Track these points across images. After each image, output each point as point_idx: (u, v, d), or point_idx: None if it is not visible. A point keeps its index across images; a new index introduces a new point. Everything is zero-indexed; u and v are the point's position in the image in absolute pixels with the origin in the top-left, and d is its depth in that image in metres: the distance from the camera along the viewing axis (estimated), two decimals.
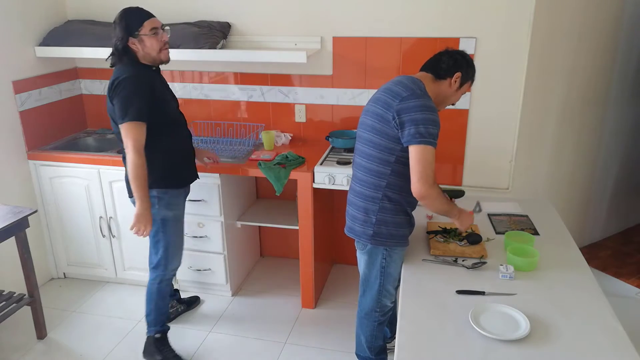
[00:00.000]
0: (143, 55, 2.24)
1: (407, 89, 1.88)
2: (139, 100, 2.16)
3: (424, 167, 1.80)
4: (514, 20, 2.72)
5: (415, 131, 1.80)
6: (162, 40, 2.26)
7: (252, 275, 3.41)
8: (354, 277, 3.30)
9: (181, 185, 2.47)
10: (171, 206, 2.40)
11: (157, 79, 2.33)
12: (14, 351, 2.70)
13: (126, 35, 2.19)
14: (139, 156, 2.17)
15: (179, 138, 2.44)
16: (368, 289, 2.16)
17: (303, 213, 2.82)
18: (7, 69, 2.93)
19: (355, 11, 2.90)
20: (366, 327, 2.26)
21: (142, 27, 2.20)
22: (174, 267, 2.54)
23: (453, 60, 1.96)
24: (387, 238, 1.99)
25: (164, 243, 2.44)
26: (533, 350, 1.50)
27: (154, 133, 2.23)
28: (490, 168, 2.99)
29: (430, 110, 1.84)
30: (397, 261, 2.06)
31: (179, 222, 2.50)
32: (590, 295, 1.77)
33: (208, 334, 2.82)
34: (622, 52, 3.30)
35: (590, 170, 3.46)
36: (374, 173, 1.95)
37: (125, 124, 2.16)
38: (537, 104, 2.93)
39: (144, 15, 2.23)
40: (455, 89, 1.97)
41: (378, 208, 1.97)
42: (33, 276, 2.70)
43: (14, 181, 3.02)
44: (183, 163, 2.47)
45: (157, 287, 2.50)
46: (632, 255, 3.57)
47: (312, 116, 3.18)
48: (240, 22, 3.08)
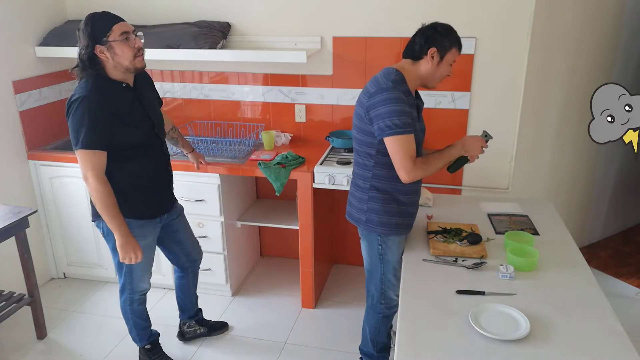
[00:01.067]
0: (114, 66, 1.97)
1: (376, 84, 1.95)
2: (93, 125, 1.90)
3: (400, 156, 1.90)
4: (514, 20, 2.72)
5: (383, 125, 1.89)
6: (136, 46, 1.98)
7: (252, 275, 3.41)
8: (354, 277, 3.31)
9: (147, 216, 2.19)
10: (136, 237, 2.10)
11: (126, 97, 2.03)
12: (14, 351, 2.70)
13: (92, 43, 1.92)
14: (103, 184, 1.96)
15: (148, 163, 2.15)
16: (371, 277, 2.22)
17: (303, 213, 2.82)
18: (7, 69, 2.93)
19: (355, 11, 2.90)
20: (371, 319, 2.30)
21: (111, 32, 1.92)
22: (141, 290, 2.36)
23: (424, 37, 1.96)
24: (378, 225, 2.08)
25: (127, 269, 2.25)
26: (533, 350, 1.50)
27: (117, 158, 2.02)
28: (490, 168, 2.99)
29: (393, 102, 1.88)
30: (393, 249, 2.11)
31: (145, 251, 2.18)
32: (590, 295, 1.77)
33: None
34: (622, 52, 3.30)
35: (590, 170, 3.46)
36: (362, 166, 2.08)
37: (79, 152, 1.94)
38: (537, 104, 2.93)
39: (113, 19, 1.96)
40: (436, 64, 1.96)
41: (368, 197, 2.08)
42: (33, 276, 2.70)
43: (14, 181, 3.02)
44: (152, 191, 2.19)
45: (130, 308, 2.39)
46: (632, 255, 3.57)
47: (312, 116, 3.18)
48: (240, 22, 3.08)
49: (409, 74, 1.98)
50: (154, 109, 2.20)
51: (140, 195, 2.15)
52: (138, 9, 3.15)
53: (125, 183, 2.08)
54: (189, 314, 2.72)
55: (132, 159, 2.08)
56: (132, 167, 2.09)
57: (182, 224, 2.45)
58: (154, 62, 3.20)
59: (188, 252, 2.52)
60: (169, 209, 2.32)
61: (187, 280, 2.60)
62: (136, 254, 2.08)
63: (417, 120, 2.00)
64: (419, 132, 2.04)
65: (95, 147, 1.94)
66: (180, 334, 2.75)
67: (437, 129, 2.94)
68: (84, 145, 1.92)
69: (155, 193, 2.21)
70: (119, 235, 2.03)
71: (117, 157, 2.03)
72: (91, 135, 1.92)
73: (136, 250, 2.08)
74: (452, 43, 1.96)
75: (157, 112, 2.23)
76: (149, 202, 2.19)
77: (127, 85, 2.05)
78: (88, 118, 1.91)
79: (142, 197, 2.15)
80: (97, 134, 1.93)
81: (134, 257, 2.08)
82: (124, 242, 2.04)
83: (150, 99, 2.20)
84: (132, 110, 2.05)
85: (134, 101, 2.07)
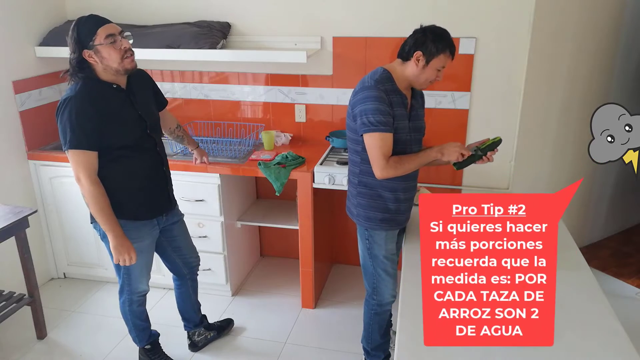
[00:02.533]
0: (103, 69, 1.97)
1: (362, 82, 2.02)
2: (79, 125, 1.91)
3: (373, 153, 1.97)
4: (514, 20, 2.72)
5: (361, 122, 1.96)
6: (122, 47, 1.96)
7: (252, 275, 3.41)
8: (354, 277, 3.31)
9: (142, 218, 2.17)
10: (130, 238, 2.10)
11: (116, 98, 2.03)
12: (14, 351, 2.70)
13: (79, 48, 1.92)
14: (96, 185, 1.97)
15: (142, 164, 2.13)
16: (365, 272, 2.28)
17: (303, 213, 2.82)
18: (7, 69, 2.93)
19: (355, 11, 2.90)
20: (366, 314, 2.36)
21: (96, 36, 1.91)
22: (140, 291, 2.35)
23: (413, 39, 1.97)
24: (364, 220, 2.15)
25: (124, 270, 2.25)
26: (533, 350, 1.49)
27: (109, 159, 2.02)
28: (490, 168, 2.99)
29: (372, 100, 1.93)
30: (380, 243, 2.16)
31: (143, 253, 2.21)
32: (590, 295, 1.77)
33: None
34: (622, 52, 3.30)
35: (590, 170, 3.46)
36: (352, 162, 2.16)
37: (69, 153, 1.94)
38: (537, 104, 2.93)
39: (97, 22, 1.94)
40: (421, 68, 1.97)
41: (357, 192, 2.16)
42: (33, 276, 2.70)
43: (14, 181, 3.02)
44: (145, 192, 2.17)
45: (129, 309, 2.38)
46: (632, 255, 3.57)
47: (312, 116, 3.18)
48: (240, 22, 3.08)
49: (397, 74, 2.01)
50: (149, 110, 2.18)
51: (134, 196, 2.14)
52: (138, 9, 3.15)
53: (119, 184, 2.07)
54: (194, 323, 2.69)
55: (125, 159, 2.07)
56: (125, 168, 2.08)
57: (182, 230, 2.44)
58: (154, 62, 3.21)
59: (186, 259, 2.50)
60: (167, 211, 2.30)
61: (186, 288, 2.58)
62: (130, 255, 2.07)
63: (404, 119, 2.01)
64: (409, 130, 2.05)
65: (84, 147, 1.94)
66: (191, 344, 2.70)
67: (437, 129, 2.94)
68: (72, 145, 1.93)
69: (149, 194, 2.19)
70: (113, 236, 2.03)
71: (109, 158, 2.02)
72: (78, 135, 1.92)
73: (130, 251, 2.07)
74: (440, 49, 1.94)
75: (152, 113, 2.21)
76: (143, 203, 2.17)
77: (117, 86, 2.04)
78: (74, 118, 1.91)
79: (136, 198, 2.14)
80: (85, 134, 1.93)
81: (128, 258, 2.07)
82: (117, 243, 2.04)
83: (145, 100, 2.18)
84: (123, 111, 2.04)
85: (125, 102, 2.06)
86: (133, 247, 2.09)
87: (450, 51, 1.97)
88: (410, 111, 2.07)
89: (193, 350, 2.70)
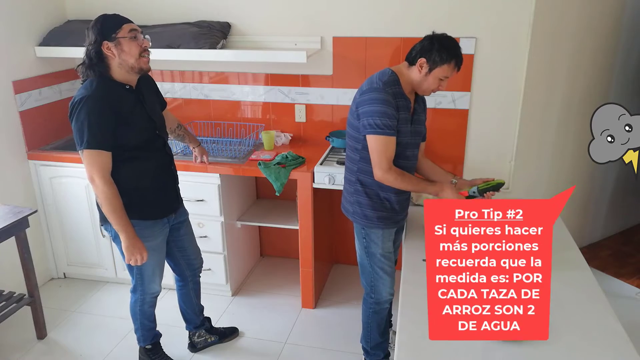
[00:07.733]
0: (119, 64, 1.99)
1: (369, 82, 2.02)
2: (97, 124, 1.92)
3: (377, 155, 1.97)
4: (514, 20, 2.72)
5: (367, 122, 1.96)
6: (142, 45, 2.03)
7: (252, 275, 3.41)
8: (354, 277, 3.31)
9: (154, 217, 2.20)
10: (143, 238, 2.12)
11: (128, 99, 2.05)
12: (14, 351, 2.70)
13: (101, 39, 1.95)
14: (110, 185, 1.98)
15: (152, 164, 2.16)
16: (363, 270, 2.28)
17: (303, 213, 2.82)
18: (7, 69, 2.93)
19: (355, 11, 2.90)
20: (364, 312, 2.36)
21: (121, 30, 1.97)
22: (153, 292, 2.37)
23: (420, 46, 1.98)
24: (361, 218, 2.16)
25: (137, 270, 2.26)
26: (533, 350, 1.50)
27: (121, 159, 2.03)
28: (490, 168, 2.99)
29: (380, 102, 1.93)
30: (376, 242, 2.16)
31: (155, 252, 2.24)
32: (590, 295, 1.77)
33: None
34: (622, 52, 3.30)
35: (590, 170, 3.46)
36: (350, 159, 2.16)
37: (84, 153, 1.95)
38: (537, 104, 2.93)
39: (123, 20, 2.03)
40: (424, 75, 1.98)
41: (354, 190, 2.16)
42: (33, 276, 2.70)
43: (14, 181, 3.02)
44: (156, 192, 2.20)
45: (140, 309, 2.39)
46: (632, 255, 3.57)
47: (312, 116, 3.18)
48: (240, 22, 3.08)
49: (403, 77, 2.02)
50: (156, 111, 2.23)
51: (146, 196, 2.15)
52: (138, 9, 3.14)
53: (130, 184, 2.09)
54: (194, 324, 2.68)
55: (135, 160, 2.09)
56: (136, 168, 2.10)
57: (188, 229, 2.46)
58: (154, 62, 3.15)
59: (190, 260, 2.51)
60: (176, 209, 2.33)
61: (188, 290, 2.58)
62: (142, 255, 2.09)
63: (407, 123, 2.02)
64: (411, 134, 2.06)
65: (100, 147, 1.95)
66: (190, 345, 2.70)
67: (437, 129, 2.95)
68: (88, 145, 1.93)
69: (160, 193, 2.22)
70: (125, 237, 2.04)
71: (121, 158, 2.04)
72: (95, 134, 1.93)
73: (142, 251, 2.09)
74: (445, 60, 1.94)
75: (159, 114, 2.26)
76: (154, 203, 2.19)
77: (130, 87, 2.07)
78: (92, 118, 1.92)
79: (147, 197, 2.16)
80: (101, 133, 1.94)
81: (140, 258, 2.09)
82: (129, 244, 2.05)
83: (152, 101, 2.22)
84: (134, 112, 2.06)
85: (137, 103, 2.08)
86: (145, 247, 2.10)
87: (456, 62, 1.97)
88: (413, 115, 2.07)
89: (192, 350, 2.70)
